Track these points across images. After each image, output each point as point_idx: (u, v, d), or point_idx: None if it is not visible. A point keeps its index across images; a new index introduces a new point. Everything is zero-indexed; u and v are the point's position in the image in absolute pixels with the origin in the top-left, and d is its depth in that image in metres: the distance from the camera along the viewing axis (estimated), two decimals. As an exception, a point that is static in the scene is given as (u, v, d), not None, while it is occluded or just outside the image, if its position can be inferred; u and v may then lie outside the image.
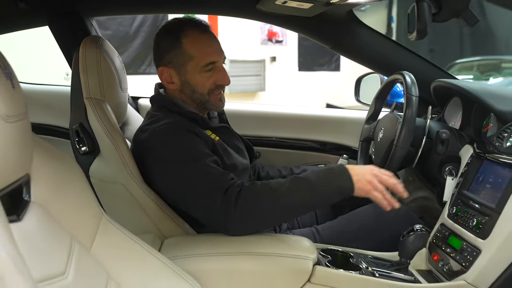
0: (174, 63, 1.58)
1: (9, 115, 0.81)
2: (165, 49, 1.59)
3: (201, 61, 1.56)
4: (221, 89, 1.62)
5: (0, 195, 0.80)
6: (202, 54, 1.56)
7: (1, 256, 0.69)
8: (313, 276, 1.34)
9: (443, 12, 1.37)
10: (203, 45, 1.57)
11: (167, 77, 1.60)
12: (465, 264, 1.33)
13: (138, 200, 1.50)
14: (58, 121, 2.14)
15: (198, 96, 1.60)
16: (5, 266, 0.69)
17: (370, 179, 1.38)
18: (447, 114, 1.92)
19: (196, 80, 1.58)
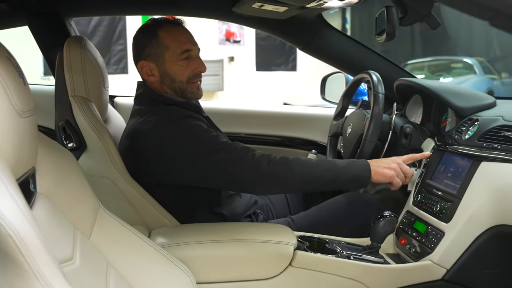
0: (153, 55, 1.66)
1: (23, 110, 0.87)
2: (143, 44, 1.68)
3: (177, 49, 1.64)
4: (198, 78, 1.71)
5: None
6: (177, 43, 1.65)
7: (33, 239, 0.74)
8: (294, 260, 1.44)
9: (408, 17, 1.50)
10: (178, 36, 1.66)
11: (147, 70, 1.67)
12: (430, 246, 1.46)
13: (125, 194, 1.56)
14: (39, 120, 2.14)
15: (177, 84, 1.68)
16: (37, 248, 0.75)
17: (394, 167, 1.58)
18: (408, 111, 2.05)
19: (174, 70, 1.66)
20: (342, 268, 1.45)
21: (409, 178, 1.61)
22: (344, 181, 1.57)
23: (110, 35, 8.57)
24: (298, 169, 1.51)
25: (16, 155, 0.85)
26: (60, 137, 1.59)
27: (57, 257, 0.93)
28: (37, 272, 0.74)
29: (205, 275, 1.40)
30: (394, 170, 1.57)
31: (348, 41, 2.10)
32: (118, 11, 2.40)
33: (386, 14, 1.47)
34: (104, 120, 1.80)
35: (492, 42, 9.37)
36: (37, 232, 0.77)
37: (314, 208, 1.85)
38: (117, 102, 2.31)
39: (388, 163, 1.59)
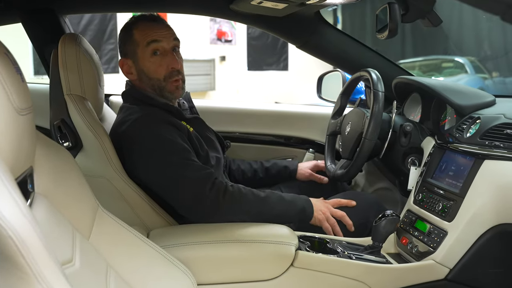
0: (129, 53, 1.67)
1: (22, 108, 0.84)
2: (122, 42, 1.70)
3: (144, 41, 1.63)
4: (176, 76, 1.68)
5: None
6: (144, 35, 1.64)
7: (34, 240, 0.72)
8: (295, 260, 1.42)
9: (410, 14, 1.48)
10: (148, 29, 1.65)
11: (126, 68, 1.69)
12: (433, 245, 1.44)
13: (122, 193, 1.54)
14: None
15: (154, 82, 1.67)
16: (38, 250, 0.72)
17: (325, 210, 1.65)
18: (406, 109, 2.04)
19: (147, 66, 1.65)
20: (344, 268, 1.43)
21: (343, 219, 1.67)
22: (292, 215, 1.62)
23: (101, 34, 8.51)
24: (250, 205, 1.56)
25: (14, 154, 0.82)
26: (56, 136, 1.56)
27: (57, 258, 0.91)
28: (39, 274, 0.72)
29: (206, 276, 1.38)
30: (324, 214, 1.64)
31: (346, 39, 2.09)
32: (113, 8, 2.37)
33: (388, 11, 1.46)
34: (100, 118, 1.77)
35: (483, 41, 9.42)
36: (38, 233, 0.75)
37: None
38: (112, 101, 2.28)
39: (322, 209, 1.65)
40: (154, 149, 1.51)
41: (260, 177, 2.05)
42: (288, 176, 2.05)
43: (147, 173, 1.55)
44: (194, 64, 9.63)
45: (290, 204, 1.61)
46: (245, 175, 2.05)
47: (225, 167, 1.96)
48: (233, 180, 1.99)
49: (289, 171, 2.05)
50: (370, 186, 2.27)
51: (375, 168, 2.20)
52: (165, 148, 1.52)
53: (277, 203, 1.60)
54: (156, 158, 1.51)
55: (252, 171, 2.05)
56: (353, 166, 1.73)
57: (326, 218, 1.63)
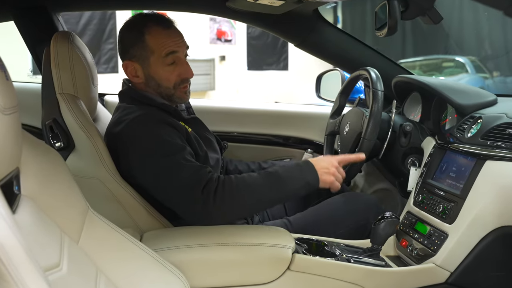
0: (138, 57, 1.60)
1: (5, 107, 0.81)
2: (129, 44, 1.61)
3: (161, 52, 1.58)
4: (186, 82, 1.65)
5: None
6: (162, 46, 1.58)
7: (15, 246, 0.69)
8: (292, 263, 1.38)
9: (410, 10, 1.45)
10: (164, 38, 1.59)
11: (132, 71, 1.62)
12: (433, 248, 1.41)
13: (115, 195, 1.50)
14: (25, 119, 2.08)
15: (163, 90, 1.63)
16: (19, 256, 0.70)
17: (333, 171, 1.52)
18: (406, 108, 2.01)
19: (159, 75, 1.60)
20: (342, 271, 1.39)
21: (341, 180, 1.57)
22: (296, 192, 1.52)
23: (100, 34, 8.48)
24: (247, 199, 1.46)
25: (-2, 155, 0.79)
26: (47, 136, 1.52)
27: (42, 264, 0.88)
28: (20, 282, 0.69)
29: (199, 280, 1.34)
30: (333, 175, 1.52)
31: (345, 37, 2.05)
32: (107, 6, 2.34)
33: (387, 8, 1.42)
34: (93, 118, 1.74)
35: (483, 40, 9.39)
36: (19, 239, 0.72)
37: (311, 209, 1.80)
38: (107, 100, 2.24)
39: (327, 167, 1.53)
40: (151, 148, 1.47)
41: (257, 178, 2.02)
42: (286, 177, 2.01)
43: (143, 173, 1.51)
44: (194, 64, 9.45)
45: (291, 182, 1.49)
46: (242, 175, 2.01)
47: (222, 168, 1.93)
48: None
49: (288, 172, 2.01)
50: (369, 187, 2.24)
51: (374, 168, 2.17)
52: (161, 148, 1.48)
53: (276, 186, 1.48)
54: (153, 158, 1.47)
55: (249, 172, 2.01)
56: (352, 167, 1.70)
57: (333, 174, 1.52)
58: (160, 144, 1.47)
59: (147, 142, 1.48)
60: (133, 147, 1.50)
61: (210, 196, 1.40)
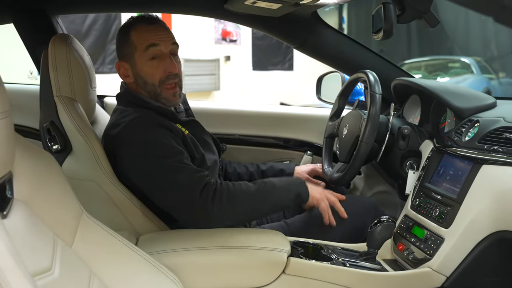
0: (126, 56, 1.63)
1: (-5, 112, 0.82)
2: (119, 44, 1.66)
3: (142, 45, 1.59)
4: (172, 80, 1.63)
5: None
6: (143, 39, 1.59)
7: (1, 251, 0.69)
8: (287, 267, 1.38)
9: (406, 14, 1.44)
10: (144, 32, 1.60)
11: (123, 71, 1.65)
12: (429, 252, 1.40)
13: (112, 197, 1.51)
14: (24, 120, 2.10)
15: (150, 87, 1.63)
16: (5, 260, 0.70)
17: (320, 192, 1.68)
18: (406, 111, 2.00)
19: (144, 71, 1.61)
20: (338, 275, 1.39)
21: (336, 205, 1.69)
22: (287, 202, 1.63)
23: (105, 34, 8.49)
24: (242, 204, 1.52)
25: (-13, 160, 0.80)
26: (45, 138, 1.53)
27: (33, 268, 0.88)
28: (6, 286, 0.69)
29: (194, 283, 1.34)
30: (320, 195, 1.66)
31: (344, 39, 2.05)
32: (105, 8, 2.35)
33: (383, 11, 1.42)
34: (92, 121, 1.75)
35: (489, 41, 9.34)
36: (6, 244, 0.72)
37: (310, 212, 1.79)
38: (107, 102, 2.25)
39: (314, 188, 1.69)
40: (147, 151, 1.48)
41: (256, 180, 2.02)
42: (285, 179, 2.01)
43: (139, 176, 1.52)
44: (199, 64, 9.61)
45: (283, 192, 1.60)
46: (241, 178, 2.01)
47: (221, 170, 1.93)
48: (229, 183, 1.95)
49: (286, 174, 2.01)
50: (369, 190, 2.23)
51: (374, 171, 2.16)
52: (158, 151, 1.48)
53: (270, 194, 1.57)
54: (149, 161, 1.48)
55: (248, 174, 2.02)
56: (350, 169, 1.70)
57: (322, 199, 1.66)
58: (155, 146, 1.48)
59: (142, 144, 1.49)
60: (128, 150, 1.51)
61: (208, 200, 1.42)
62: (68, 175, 1.52)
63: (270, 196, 1.56)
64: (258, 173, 2.03)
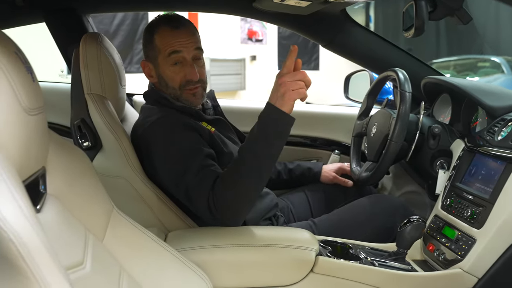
0: (150, 57, 1.65)
1: (31, 107, 0.83)
2: (144, 44, 1.68)
3: (165, 51, 1.60)
4: (192, 85, 1.63)
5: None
6: (166, 45, 1.60)
7: (37, 244, 0.70)
8: (316, 266, 1.37)
9: (438, 11, 1.42)
10: (168, 38, 1.60)
11: (148, 71, 1.67)
12: (461, 253, 1.38)
13: (141, 194, 1.52)
14: (56, 118, 2.14)
15: (171, 90, 1.64)
16: (41, 254, 0.71)
17: (284, 90, 1.37)
18: (436, 110, 1.98)
19: (166, 74, 1.63)
20: (366, 275, 1.38)
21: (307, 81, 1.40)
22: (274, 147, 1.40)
23: (133, 33, 8.59)
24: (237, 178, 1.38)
25: (23, 155, 0.81)
26: (76, 136, 1.55)
27: (66, 262, 0.89)
28: (41, 280, 0.70)
29: (222, 280, 1.34)
30: (284, 86, 1.37)
31: (373, 37, 2.03)
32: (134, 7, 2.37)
33: (414, 8, 1.40)
34: (121, 118, 1.77)
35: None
36: (41, 237, 0.73)
37: (337, 211, 1.79)
38: (135, 100, 2.27)
39: (276, 89, 1.39)
40: (167, 152, 1.49)
41: (283, 179, 2.02)
42: (312, 178, 2.01)
43: (162, 175, 1.53)
44: (225, 64, 9.64)
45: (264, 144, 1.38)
46: (268, 176, 2.01)
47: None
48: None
49: (313, 173, 2.01)
50: (397, 190, 2.20)
51: (403, 171, 2.14)
52: (177, 151, 1.48)
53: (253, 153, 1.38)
54: (170, 161, 1.48)
55: (275, 173, 2.02)
56: (378, 169, 1.68)
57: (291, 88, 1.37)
58: (176, 148, 1.48)
59: (164, 146, 1.50)
60: (152, 149, 1.53)
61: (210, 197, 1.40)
62: (99, 171, 1.54)
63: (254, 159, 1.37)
64: (285, 172, 2.02)
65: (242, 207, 1.42)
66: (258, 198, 1.69)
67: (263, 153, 1.38)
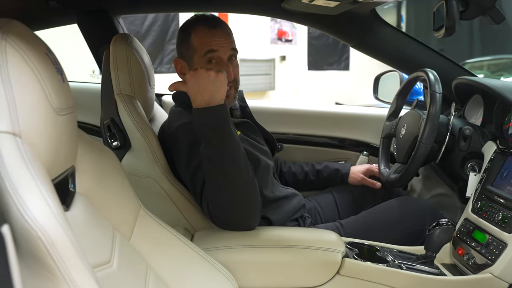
0: (185, 55, 1.63)
1: (61, 108, 0.84)
2: (179, 42, 1.66)
3: (201, 50, 1.58)
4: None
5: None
6: (203, 44, 1.58)
7: (65, 242, 0.71)
8: (342, 268, 1.36)
9: (470, 10, 1.39)
10: (205, 37, 1.59)
11: (180, 69, 1.65)
12: (491, 258, 1.35)
13: (168, 194, 1.53)
14: (87, 118, 2.18)
15: None
16: (68, 252, 0.72)
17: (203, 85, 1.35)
18: (467, 111, 1.94)
19: None
20: (394, 278, 1.36)
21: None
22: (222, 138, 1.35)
23: (164, 34, 8.67)
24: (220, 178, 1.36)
25: (53, 154, 0.83)
26: (105, 135, 1.57)
27: (93, 260, 0.91)
28: (68, 277, 0.71)
29: (248, 280, 1.35)
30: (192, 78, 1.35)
31: (403, 37, 2.00)
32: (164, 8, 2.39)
33: (445, 8, 1.37)
34: (150, 118, 1.79)
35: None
36: (69, 235, 0.74)
37: (365, 213, 1.77)
38: (165, 101, 2.29)
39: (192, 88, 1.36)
40: (189, 159, 1.49)
41: (311, 180, 2.01)
42: (340, 179, 1.99)
43: (184, 178, 1.55)
44: (254, 64, 9.65)
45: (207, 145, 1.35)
46: (296, 177, 2.01)
47: (276, 170, 1.92)
48: (284, 182, 1.95)
49: (341, 175, 1.99)
50: (427, 192, 2.17)
51: (432, 173, 2.10)
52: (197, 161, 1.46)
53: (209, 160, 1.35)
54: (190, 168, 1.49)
55: (303, 174, 2.01)
56: (407, 171, 1.66)
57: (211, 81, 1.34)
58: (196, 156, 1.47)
59: (187, 151, 1.50)
60: (176, 153, 1.54)
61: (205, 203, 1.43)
62: (127, 171, 1.56)
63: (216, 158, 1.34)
64: (313, 173, 2.01)
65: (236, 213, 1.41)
66: (285, 200, 1.69)
67: (217, 155, 1.35)
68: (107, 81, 1.59)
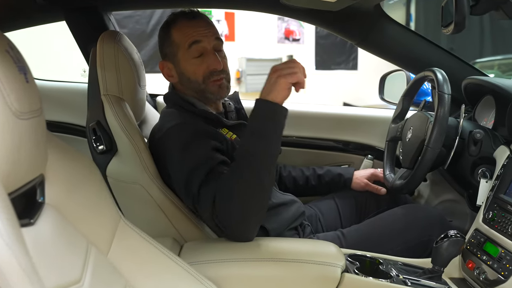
0: (169, 55, 1.58)
1: (22, 111, 0.76)
2: (161, 43, 1.61)
3: (185, 44, 1.53)
4: (216, 75, 1.55)
5: (12, 197, 0.74)
6: (185, 37, 1.53)
7: (11, 264, 0.63)
8: (341, 284, 1.26)
9: (481, 4, 1.29)
10: (186, 29, 1.54)
11: (167, 71, 1.60)
12: (504, 273, 1.24)
13: (157, 202, 1.45)
14: (75, 119, 2.10)
15: (194, 85, 1.56)
16: (15, 275, 0.63)
17: (277, 75, 1.35)
18: (478, 113, 1.84)
19: (188, 69, 1.55)
20: None
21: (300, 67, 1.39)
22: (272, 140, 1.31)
23: (170, 33, 8.63)
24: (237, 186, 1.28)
25: (11, 162, 0.74)
26: (90, 138, 1.49)
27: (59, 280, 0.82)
28: None
29: None
30: (276, 72, 1.35)
31: (410, 35, 1.90)
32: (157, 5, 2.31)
33: (454, 2, 1.27)
34: (141, 120, 1.71)
35: None
36: (18, 257, 0.65)
37: (368, 221, 1.68)
38: (159, 102, 2.21)
39: (269, 79, 1.36)
40: (181, 161, 1.40)
41: (312, 185, 1.92)
42: (343, 184, 1.90)
43: (175, 183, 1.45)
44: (261, 63, 9.56)
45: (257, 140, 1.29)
46: (296, 182, 1.92)
47: (276, 174, 1.83)
48: (283, 187, 1.86)
49: (344, 180, 1.90)
50: (435, 198, 2.07)
51: (441, 178, 2.00)
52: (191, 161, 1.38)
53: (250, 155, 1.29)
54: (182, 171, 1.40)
55: (303, 179, 1.91)
56: (413, 177, 1.56)
57: (282, 75, 1.34)
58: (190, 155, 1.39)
59: (179, 152, 1.42)
60: (167, 156, 1.45)
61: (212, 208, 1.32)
62: (114, 177, 1.48)
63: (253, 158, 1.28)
64: (315, 178, 1.92)
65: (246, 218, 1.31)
66: (283, 207, 1.59)
67: (259, 152, 1.29)
68: (94, 81, 1.51)
